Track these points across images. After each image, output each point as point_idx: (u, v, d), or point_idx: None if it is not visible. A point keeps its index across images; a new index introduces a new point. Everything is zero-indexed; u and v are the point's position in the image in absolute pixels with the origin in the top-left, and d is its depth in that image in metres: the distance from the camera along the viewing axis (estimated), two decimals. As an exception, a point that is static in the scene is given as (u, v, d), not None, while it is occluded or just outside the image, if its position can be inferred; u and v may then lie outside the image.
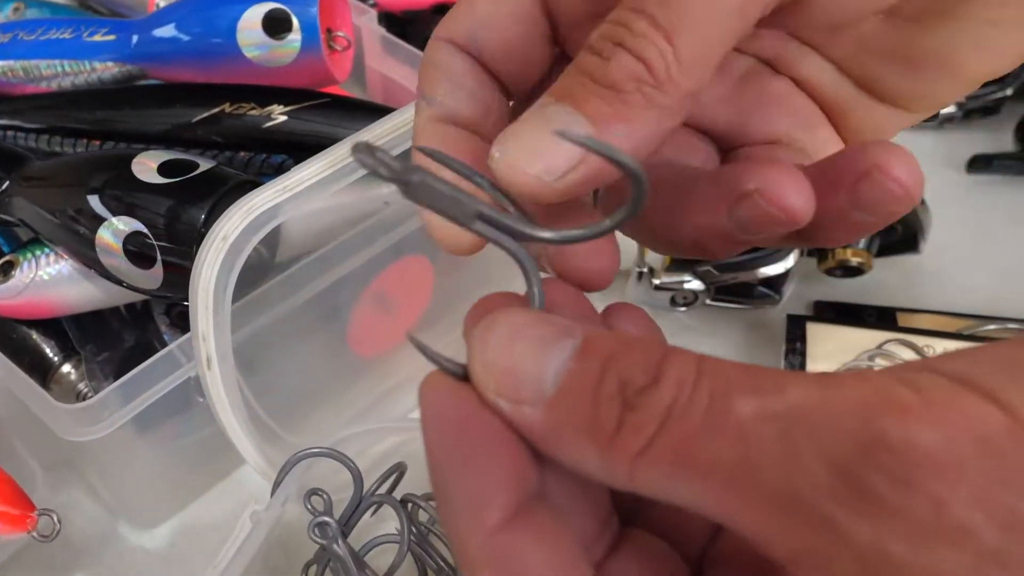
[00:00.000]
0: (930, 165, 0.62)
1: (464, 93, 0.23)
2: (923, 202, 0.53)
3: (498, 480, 0.17)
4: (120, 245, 0.42)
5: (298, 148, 0.49)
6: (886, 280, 0.56)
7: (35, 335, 0.48)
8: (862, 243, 0.53)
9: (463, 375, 0.19)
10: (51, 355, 0.48)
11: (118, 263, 0.42)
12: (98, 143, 0.51)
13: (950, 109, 0.63)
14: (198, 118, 0.50)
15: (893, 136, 0.25)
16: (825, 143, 0.25)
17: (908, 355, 0.49)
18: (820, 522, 0.15)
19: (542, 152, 0.19)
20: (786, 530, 0.15)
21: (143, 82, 0.54)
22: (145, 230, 0.41)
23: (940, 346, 0.49)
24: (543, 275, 0.21)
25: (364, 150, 0.17)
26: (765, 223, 0.21)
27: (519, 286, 0.22)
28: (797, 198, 0.20)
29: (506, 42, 0.23)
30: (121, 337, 0.50)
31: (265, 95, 0.50)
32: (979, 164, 0.61)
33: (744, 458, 0.16)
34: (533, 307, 0.20)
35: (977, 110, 0.64)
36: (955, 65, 0.23)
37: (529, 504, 0.17)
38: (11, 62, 0.54)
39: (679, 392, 0.16)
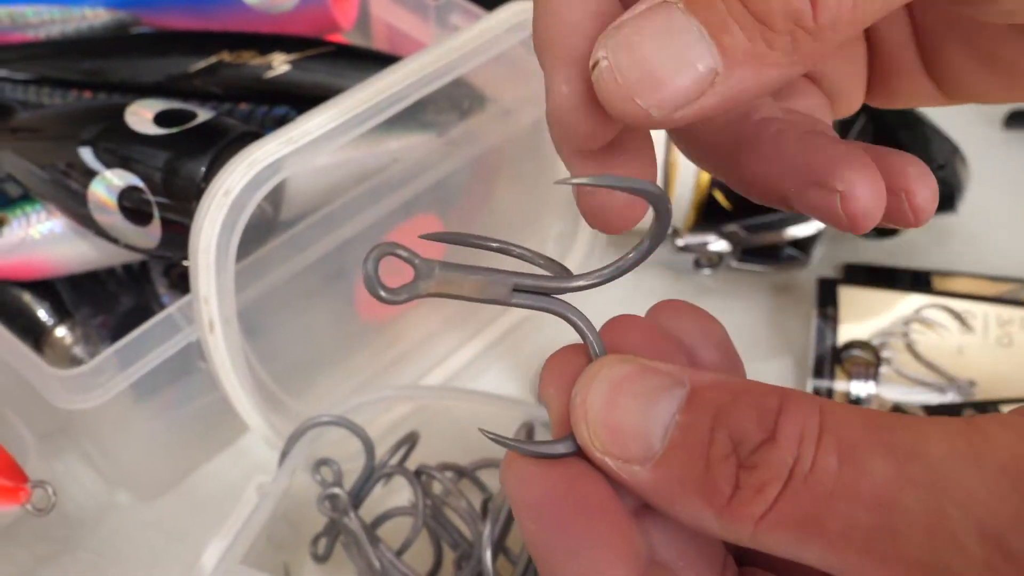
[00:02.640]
0: (966, 121, 0.59)
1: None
2: (962, 157, 0.50)
3: (612, 560, 0.16)
4: (115, 201, 0.39)
5: (301, 100, 0.46)
6: (919, 241, 0.54)
7: (27, 297, 0.46)
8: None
9: (545, 454, 0.18)
10: (44, 318, 0.46)
11: (113, 220, 0.40)
12: (89, 94, 0.49)
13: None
14: (195, 68, 0.47)
15: (920, 107, 0.24)
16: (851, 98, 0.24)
17: (948, 321, 0.46)
18: None
19: (657, 76, 0.16)
20: None
21: (136, 30, 0.51)
22: (141, 184, 0.38)
23: (981, 312, 0.46)
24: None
25: (373, 258, 0.17)
26: (826, 217, 0.20)
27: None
28: (870, 218, 0.19)
29: None
30: (117, 299, 0.48)
31: (266, 43, 0.47)
32: (1017, 119, 0.58)
33: (883, 526, 0.14)
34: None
35: (1013, 64, 0.61)
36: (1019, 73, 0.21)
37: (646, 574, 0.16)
38: (-4, 8, 0.51)
39: (802, 451, 0.15)
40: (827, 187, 0.19)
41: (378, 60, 0.47)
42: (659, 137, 0.50)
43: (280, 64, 0.47)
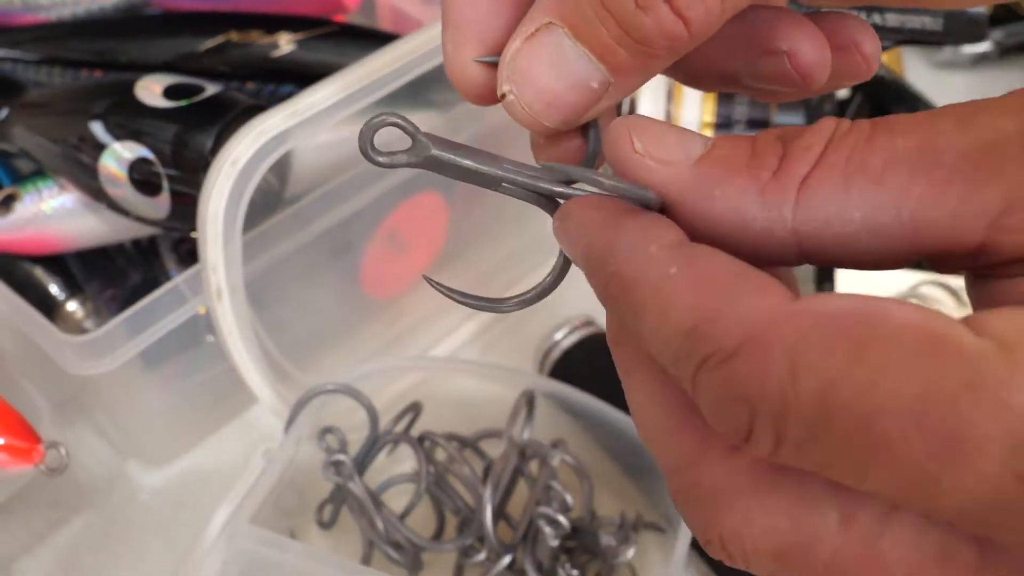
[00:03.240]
0: (967, 97, 0.59)
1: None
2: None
3: (663, 222, 0.17)
4: (125, 173, 0.40)
5: (307, 78, 0.46)
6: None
7: (39, 271, 0.47)
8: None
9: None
10: (55, 292, 0.47)
11: (124, 192, 0.40)
12: (99, 74, 0.49)
13: (984, 47, 0.61)
14: (203, 47, 0.48)
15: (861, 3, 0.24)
16: None
17: (944, 297, 0.47)
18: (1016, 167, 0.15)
19: (559, 100, 0.18)
20: (980, 191, 0.15)
21: (146, 11, 0.52)
22: (151, 156, 0.39)
23: (976, 286, 0.47)
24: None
25: (369, 132, 0.18)
26: (780, 80, 0.20)
27: (535, 223, 0.20)
28: (820, 68, 0.20)
29: None
30: (127, 274, 0.49)
31: (273, 23, 0.48)
32: (1016, 101, 0.59)
33: (925, 143, 0.15)
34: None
35: (1013, 47, 0.61)
36: None
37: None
38: (9, -10, 0.52)
39: (840, 122, 0.16)
40: (774, 52, 0.20)
41: (382, 40, 0.48)
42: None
43: (286, 43, 0.48)
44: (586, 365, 0.45)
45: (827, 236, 0.16)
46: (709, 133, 0.50)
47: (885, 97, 0.50)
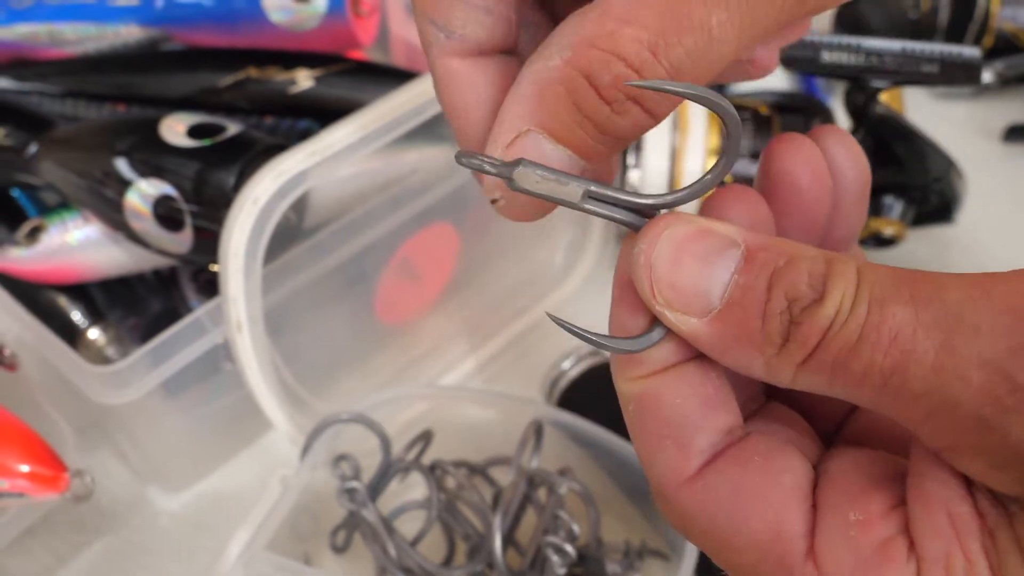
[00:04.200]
0: (965, 134, 0.61)
1: (485, 15, 0.20)
2: (958, 171, 0.52)
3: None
4: (149, 209, 0.41)
5: (324, 114, 0.48)
6: (919, 252, 0.55)
7: (63, 300, 0.48)
8: (896, 213, 0.52)
9: (627, 350, 0.20)
10: (78, 320, 0.48)
11: (147, 227, 0.42)
12: (123, 107, 0.51)
13: (987, 77, 0.62)
14: (223, 83, 0.49)
15: None
16: None
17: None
18: (974, 422, 0.16)
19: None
20: (940, 429, 0.17)
21: (167, 46, 0.53)
22: (175, 193, 0.41)
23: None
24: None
25: (467, 153, 0.19)
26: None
27: (543, 254, 0.21)
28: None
29: None
30: (148, 303, 0.50)
31: (291, 60, 0.50)
32: (1016, 133, 0.60)
33: (898, 365, 0.17)
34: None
35: (1013, 79, 0.63)
36: None
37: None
38: (35, 25, 0.53)
39: (842, 305, 0.17)
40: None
41: (397, 76, 0.49)
42: (666, 129, 0.52)
43: (304, 79, 0.49)
44: (592, 394, 0.47)
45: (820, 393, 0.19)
46: (713, 160, 0.51)
47: (885, 133, 0.51)
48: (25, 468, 0.36)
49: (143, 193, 0.42)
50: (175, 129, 0.42)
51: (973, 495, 0.17)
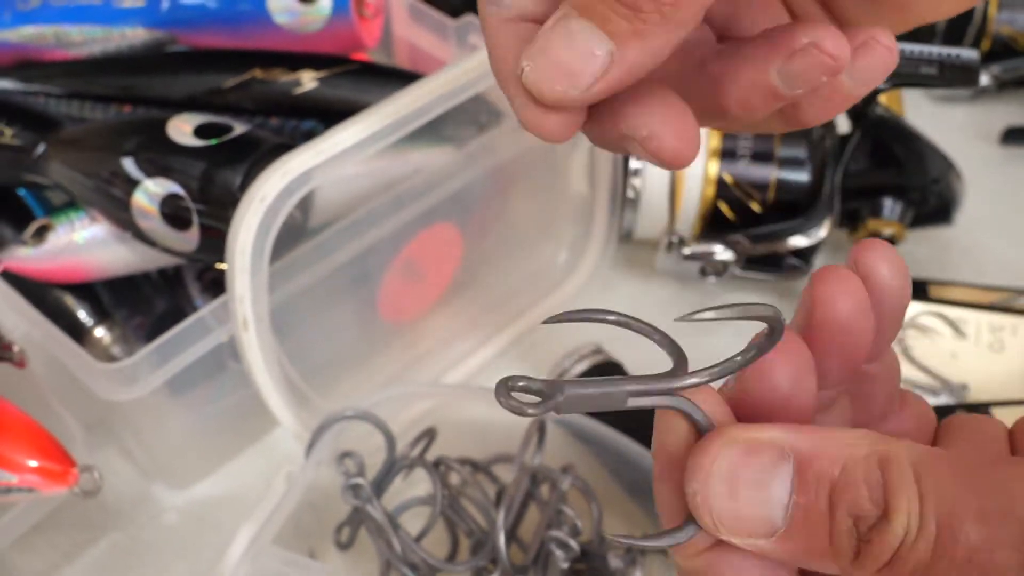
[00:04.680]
0: (963, 137, 0.61)
1: None
2: (956, 172, 0.53)
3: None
4: (156, 208, 0.42)
5: (328, 115, 0.49)
6: (918, 252, 0.56)
7: (69, 299, 0.49)
8: (895, 214, 0.52)
9: (676, 543, 0.20)
10: (84, 319, 0.49)
11: (154, 226, 0.42)
12: (128, 108, 0.52)
13: (984, 81, 0.63)
14: (229, 84, 0.50)
15: None
16: None
17: (941, 327, 0.48)
18: None
19: (568, 68, 0.20)
20: None
21: (173, 48, 0.54)
22: (182, 192, 0.41)
23: (974, 319, 0.48)
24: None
25: (504, 392, 0.19)
26: (815, 72, 0.22)
27: (545, 253, 0.21)
28: (844, 49, 0.22)
29: None
30: (153, 302, 0.51)
31: (296, 61, 0.50)
32: (1014, 136, 0.60)
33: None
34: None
35: (1011, 82, 0.63)
36: (908, 8, 0.24)
37: None
38: (42, 27, 0.54)
39: (909, 526, 0.17)
40: (799, 48, 0.22)
41: (400, 77, 0.50)
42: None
43: (309, 81, 0.50)
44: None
45: None
46: (715, 162, 0.52)
47: (884, 135, 0.52)
48: (34, 463, 0.36)
49: (150, 192, 0.42)
50: (182, 129, 0.43)
51: None
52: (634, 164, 0.52)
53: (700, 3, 0.20)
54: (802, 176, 0.51)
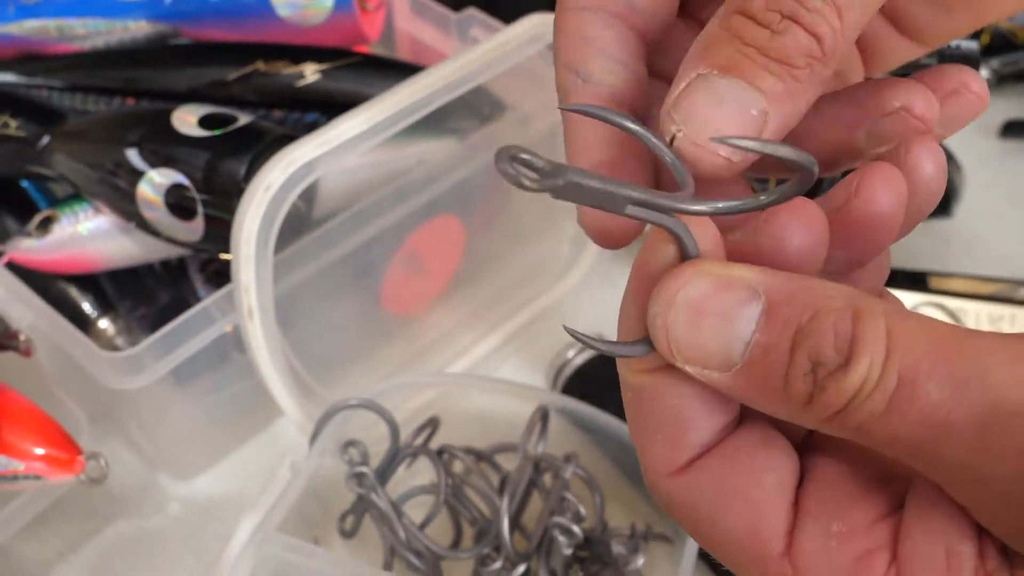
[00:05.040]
0: (963, 130, 0.61)
1: (622, 68, 0.22)
2: (956, 164, 0.53)
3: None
4: (161, 198, 0.42)
5: (331, 107, 0.49)
6: (918, 245, 0.56)
7: (73, 290, 0.49)
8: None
9: (625, 355, 0.20)
10: (88, 310, 0.49)
11: (159, 216, 0.43)
12: (131, 101, 0.52)
13: (984, 74, 0.63)
14: (232, 76, 0.50)
15: (905, 61, 0.26)
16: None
17: (941, 317, 0.48)
18: (1006, 499, 0.16)
19: (726, 131, 0.19)
20: (968, 493, 0.17)
21: (176, 41, 0.54)
22: (186, 182, 0.41)
23: (973, 309, 0.49)
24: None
25: (506, 159, 0.17)
26: (903, 133, 0.22)
27: (548, 246, 0.21)
28: (932, 112, 0.22)
29: (656, 6, 0.23)
30: (157, 294, 0.51)
31: (298, 54, 0.50)
32: (1013, 130, 0.61)
33: (929, 443, 0.17)
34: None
35: (1010, 76, 0.63)
36: (983, 5, 0.24)
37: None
38: (45, 20, 0.54)
39: (868, 375, 0.17)
40: (890, 112, 0.22)
41: (402, 69, 0.50)
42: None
43: (311, 73, 0.50)
44: (597, 381, 0.47)
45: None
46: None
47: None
48: (40, 451, 0.36)
49: (155, 183, 0.42)
50: (186, 120, 0.43)
51: (980, 538, 0.17)
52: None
53: (843, 51, 0.19)
54: (802, 168, 0.52)
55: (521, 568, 0.39)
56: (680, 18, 0.24)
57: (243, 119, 0.43)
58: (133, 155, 0.43)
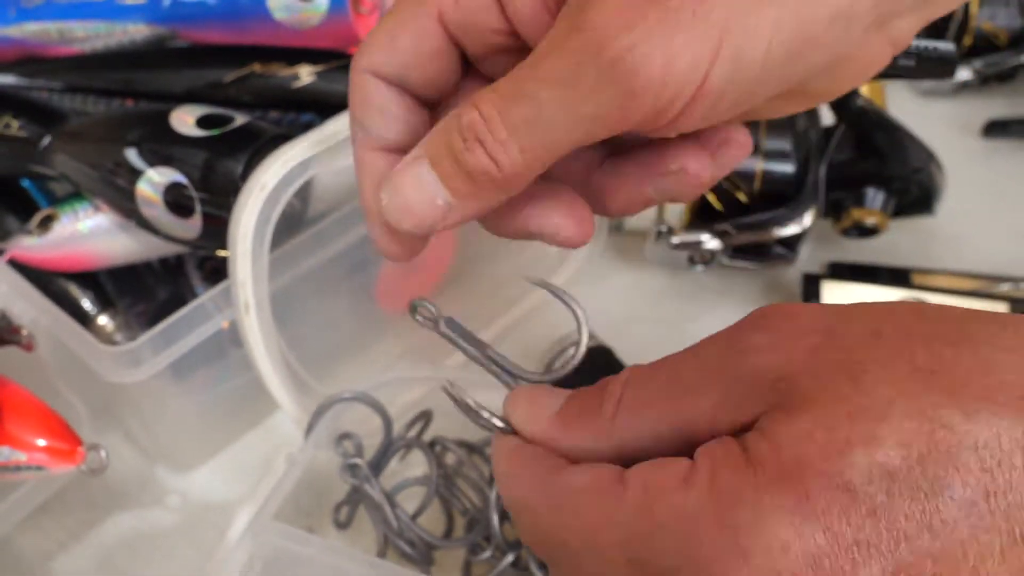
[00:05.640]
0: (946, 130, 0.63)
1: (396, 123, 0.27)
2: (938, 163, 0.54)
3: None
4: (159, 197, 0.43)
5: (325, 108, 0.50)
6: (901, 242, 0.57)
7: (73, 287, 0.50)
8: (878, 203, 0.54)
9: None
10: (88, 307, 0.50)
11: (158, 214, 0.43)
12: (131, 102, 0.53)
13: (966, 75, 0.64)
14: (228, 78, 0.51)
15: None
16: None
17: (922, 312, 0.50)
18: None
19: (414, 210, 0.25)
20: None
21: (174, 43, 0.55)
22: (184, 181, 0.42)
23: (955, 304, 0.50)
24: None
25: (413, 308, 0.29)
26: (681, 189, 0.27)
27: (534, 249, 0.25)
28: (707, 172, 0.27)
29: (430, 77, 0.27)
30: (155, 291, 0.52)
31: (294, 56, 0.51)
32: (995, 129, 0.62)
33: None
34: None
35: (993, 76, 0.65)
36: (809, 96, 0.27)
37: None
38: (45, 23, 0.55)
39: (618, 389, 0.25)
40: (670, 172, 0.27)
41: (397, 71, 0.51)
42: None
43: (307, 75, 0.51)
44: (589, 376, 0.48)
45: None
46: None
47: (867, 126, 0.53)
48: (42, 442, 0.37)
49: (154, 182, 0.43)
50: (184, 120, 0.44)
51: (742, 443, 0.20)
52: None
53: (529, 179, 0.24)
54: (787, 167, 0.53)
55: (510, 557, 0.40)
56: (468, 77, 0.28)
57: (240, 119, 0.44)
58: (132, 154, 0.44)
